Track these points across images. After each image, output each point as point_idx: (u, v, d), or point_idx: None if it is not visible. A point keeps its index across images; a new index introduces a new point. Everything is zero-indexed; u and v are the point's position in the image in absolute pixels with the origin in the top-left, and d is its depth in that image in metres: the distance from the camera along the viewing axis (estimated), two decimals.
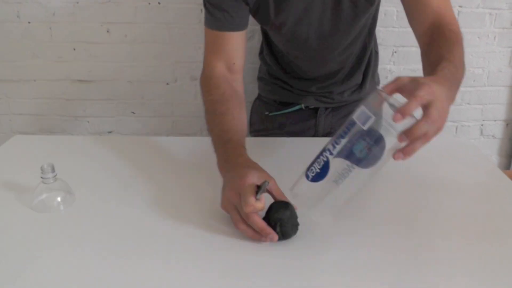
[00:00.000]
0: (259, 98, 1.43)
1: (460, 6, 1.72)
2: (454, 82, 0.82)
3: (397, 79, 0.74)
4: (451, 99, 0.80)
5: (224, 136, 0.94)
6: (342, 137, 0.74)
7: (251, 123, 1.47)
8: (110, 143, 1.19)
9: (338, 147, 0.74)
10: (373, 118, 0.70)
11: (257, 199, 0.77)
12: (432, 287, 0.70)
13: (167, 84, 1.83)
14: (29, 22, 1.73)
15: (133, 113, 1.89)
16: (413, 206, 0.92)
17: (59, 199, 0.88)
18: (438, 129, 0.73)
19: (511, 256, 0.76)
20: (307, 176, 0.76)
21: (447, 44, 0.91)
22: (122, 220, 0.85)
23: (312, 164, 0.76)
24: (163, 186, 0.97)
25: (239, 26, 1.06)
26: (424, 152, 0.84)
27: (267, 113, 1.38)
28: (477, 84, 1.85)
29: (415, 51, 1.53)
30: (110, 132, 1.93)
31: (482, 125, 1.93)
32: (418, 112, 0.71)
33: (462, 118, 1.91)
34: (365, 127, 0.71)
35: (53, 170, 0.86)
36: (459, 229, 0.84)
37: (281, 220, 0.77)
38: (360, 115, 0.72)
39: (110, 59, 1.79)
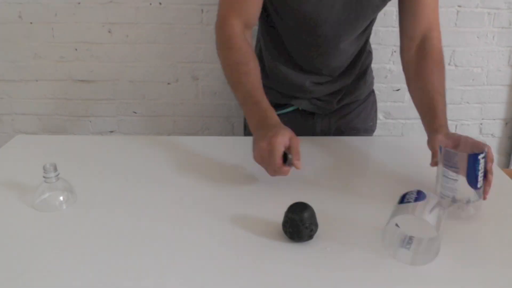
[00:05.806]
0: None
1: (459, 6, 1.72)
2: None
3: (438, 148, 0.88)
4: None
5: (253, 96, 1.00)
6: None
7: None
8: (112, 142, 1.20)
9: None
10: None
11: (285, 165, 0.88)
12: (433, 286, 0.70)
13: (168, 84, 1.84)
14: (31, 23, 1.74)
15: (135, 112, 1.90)
16: None
17: (61, 198, 0.89)
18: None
19: (510, 254, 0.77)
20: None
21: (438, 71, 1.06)
22: (124, 219, 0.86)
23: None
24: (164, 185, 0.98)
25: None
26: (424, 151, 0.85)
27: None
28: (476, 83, 1.86)
29: None
30: (111, 131, 1.94)
31: (481, 123, 1.94)
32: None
33: (462, 116, 1.92)
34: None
35: (55, 169, 0.86)
36: (458, 227, 0.84)
37: (295, 221, 0.76)
38: None
39: (111, 59, 1.80)
